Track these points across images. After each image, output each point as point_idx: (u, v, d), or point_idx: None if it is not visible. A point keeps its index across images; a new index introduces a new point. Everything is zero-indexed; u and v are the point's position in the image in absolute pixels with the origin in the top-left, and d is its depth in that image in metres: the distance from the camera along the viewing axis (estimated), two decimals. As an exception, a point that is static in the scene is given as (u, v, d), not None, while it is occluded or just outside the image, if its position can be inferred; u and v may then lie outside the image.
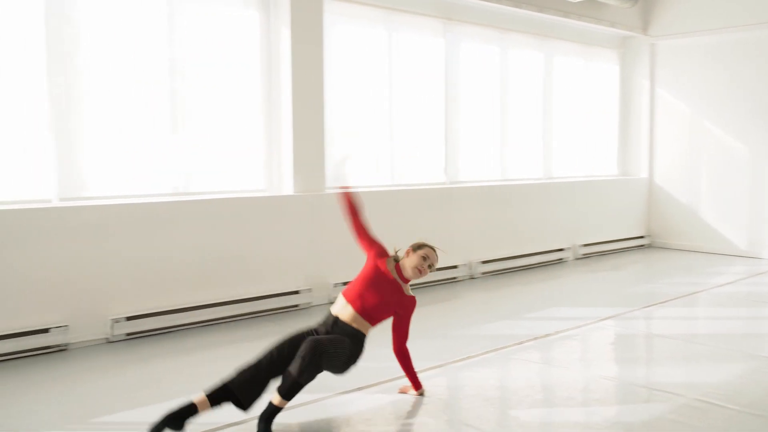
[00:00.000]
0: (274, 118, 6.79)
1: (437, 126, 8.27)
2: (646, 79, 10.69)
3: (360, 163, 7.61)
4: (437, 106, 8.26)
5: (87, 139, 5.68)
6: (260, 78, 6.73)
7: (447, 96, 8.31)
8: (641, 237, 10.66)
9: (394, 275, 4.18)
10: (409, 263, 4.19)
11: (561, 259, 9.31)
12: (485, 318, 6.43)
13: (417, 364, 4.40)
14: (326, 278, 6.90)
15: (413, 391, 4.32)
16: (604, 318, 6.30)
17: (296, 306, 6.61)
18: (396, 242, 7.43)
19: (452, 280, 7.98)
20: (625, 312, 6.53)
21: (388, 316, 4.16)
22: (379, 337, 4.60)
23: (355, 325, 3.99)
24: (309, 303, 6.70)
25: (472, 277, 8.18)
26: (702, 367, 4.97)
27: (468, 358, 5.10)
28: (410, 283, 4.30)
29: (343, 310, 4.03)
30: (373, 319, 4.06)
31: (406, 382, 4.39)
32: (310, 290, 6.70)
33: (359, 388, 4.43)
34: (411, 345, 4.28)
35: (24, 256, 5.15)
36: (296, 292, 6.60)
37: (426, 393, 4.32)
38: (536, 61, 9.52)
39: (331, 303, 6.84)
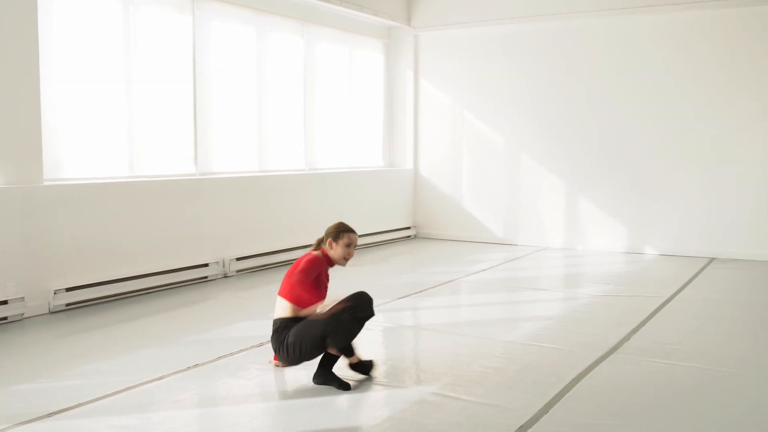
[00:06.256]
0: (-27, 97, 5.71)
1: (185, 112, 7.53)
2: (410, 69, 10.68)
3: (89, 152, 6.69)
4: (185, 91, 7.51)
5: None
6: (-47, 49, 5.62)
7: (196, 79, 7.59)
8: (407, 228, 10.63)
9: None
10: (336, 254, 4.31)
11: (325, 252, 8.95)
12: (234, 319, 5.84)
13: (148, 375, 4.22)
14: (45, 284, 5.92)
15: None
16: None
17: (5, 319, 5.58)
18: (132, 239, 6.67)
19: (203, 280, 7.30)
20: (377, 305, 6.23)
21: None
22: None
23: None
24: (21, 314, 5.70)
25: (225, 276, 7.55)
26: (445, 358, 4.75)
27: (194, 366, 4.49)
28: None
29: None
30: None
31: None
32: (22, 299, 5.70)
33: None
34: (145, 352, 4.46)
35: None
36: (4, 303, 5.58)
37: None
38: (297, 47, 9.08)
39: (52, 312, 5.92)
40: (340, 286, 7.38)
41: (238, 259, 7.66)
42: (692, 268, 8.09)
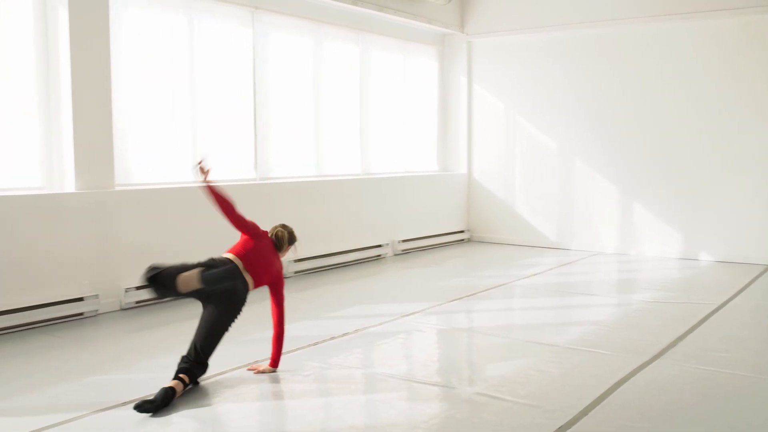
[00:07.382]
0: (52, 108, 6.14)
1: (245, 120, 7.88)
2: (463, 75, 10.85)
3: (162, 158, 7.08)
4: (246, 99, 7.87)
5: None
6: (35, 65, 6.04)
7: (256, 88, 7.94)
8: (461, 231, 10.80)
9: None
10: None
11: (379, 255, 9.20)
12: (292, 318, 6.06)
13: (212, 370, 4.43)
14: (117, 282, 6.33)
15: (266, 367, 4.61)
16: (407, 314, 6.17)
17: (81, 314, 6.00)
18: (196, 241, 7.03)
19: (262, 281, 7.62)
20: (429, 307, 6.45)
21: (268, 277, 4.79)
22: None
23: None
24: (96, 311, 6.12)
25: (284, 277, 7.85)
26: (493, 360, 4.93)
27: (254, 362, 4.77)
28: None
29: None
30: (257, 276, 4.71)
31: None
32: (96, 297, 6.11)
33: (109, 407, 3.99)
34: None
35: None
36: (80, 299, 5.99)
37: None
38: (352, 55, 9.35)
39: (124, 309, 6.31)
40: (390, 288, 7.63)
41: (296, 261, 7.97)
42: (747, 275, 8.04)
